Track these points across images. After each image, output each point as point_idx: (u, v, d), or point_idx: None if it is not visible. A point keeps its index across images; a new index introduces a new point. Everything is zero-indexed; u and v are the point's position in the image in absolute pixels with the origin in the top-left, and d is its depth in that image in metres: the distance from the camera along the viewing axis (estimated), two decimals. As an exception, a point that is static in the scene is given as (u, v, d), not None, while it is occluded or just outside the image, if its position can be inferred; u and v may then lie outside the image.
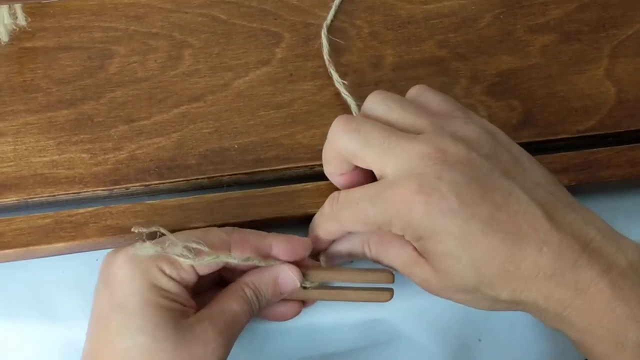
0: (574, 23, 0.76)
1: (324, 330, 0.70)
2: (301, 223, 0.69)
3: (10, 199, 0.69)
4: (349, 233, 0.66)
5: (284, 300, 0.67)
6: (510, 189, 0.60)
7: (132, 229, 0.64)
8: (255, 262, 0.65)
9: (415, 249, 0.62)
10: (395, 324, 0.70)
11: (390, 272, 0.66)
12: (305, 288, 0.66)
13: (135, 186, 0.70)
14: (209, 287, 0.67)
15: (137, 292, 0.62)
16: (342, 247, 0.67)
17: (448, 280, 0.61)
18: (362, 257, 0.66)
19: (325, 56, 0.73)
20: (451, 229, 0.58)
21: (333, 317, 0.70)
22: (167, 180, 0.70)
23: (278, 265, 0.65)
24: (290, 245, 0.66)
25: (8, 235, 0.67)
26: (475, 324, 0.72)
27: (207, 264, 0.63)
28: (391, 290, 0.66)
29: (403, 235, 0.62)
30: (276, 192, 0.69)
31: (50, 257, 0.69)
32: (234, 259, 0.64)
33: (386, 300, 0.66)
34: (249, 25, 0.75)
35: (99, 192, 0.70)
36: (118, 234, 0.67)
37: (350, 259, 0.68)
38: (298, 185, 0.69)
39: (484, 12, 0.76)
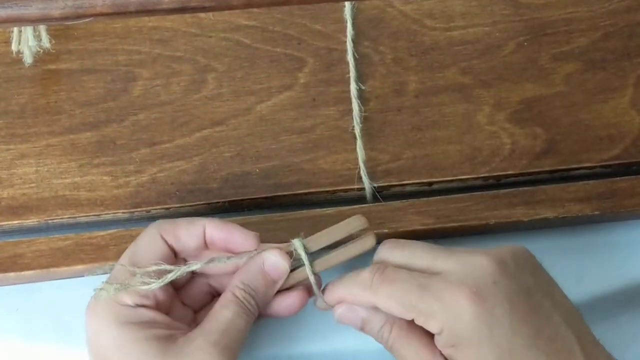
0: (599, 51, 0.76)
1: (346, 357, 0.69)
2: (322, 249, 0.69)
3: (31, 220, 0.70)
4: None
5: (284, 292, 0.65)
6: (553, 310, 0.59)
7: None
8: (224, 261, 0.63)
9: (442, 355, 0.60)
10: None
11: (361, 215, 0.64)
12: (294, 269, 0.64)
13: (156, 209, 0.70)
14: (208, 300, 0.66)
15: (110, 339, 0.60)
16: (362, 311, 0.63)
17: None
18: (374, 334, 0.63)
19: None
20: (498, 340, 0.57)
21: (355, 343, 0.69)
22: (188, 204, 0.70)
23: (259, 253, 0.63)
24: (225, 233, 0.64)
25: (28, 256, 0.68)
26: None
27: (173, 279, 0.62)
28: (372, 234, 0.64)
29: (433, 337, 0.60)
30: (297, 217, 0.69)
31: (70, 279, 0.69)
32: (197, 264, 0.62)
33: (372, 245, 0.64)
34: (273, 50, 0.75)
35: (119, 214, 0.70)
36: (138, 257, 0.67)
37: (361, 329, 0.64)
38: (319, 210, 0.69)
39: (508, 40, 0.76)
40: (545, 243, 0.72)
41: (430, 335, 0.61)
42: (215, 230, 0.63)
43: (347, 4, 0.74)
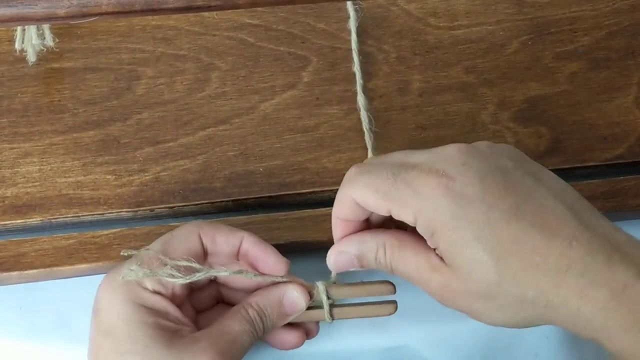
0: (603, 50, 0.76)
1: (346, 356, 0.69)
2: (325, 248, 0.69)
3: (35, 219, 0.70)
4: (363, 234, 0.62)
5: (288, 327, 0.65)
6: (537, 186, 0.57)
7: (122, 253, 0.64)
8: (250, 276, 0.63)
9: (436, 254, 0.59)
10: (418, 350, 0.70)
11: (391, 283, 0.64)
12: (309, 309, 0.65)
13: (159, 208, 0.70)
14: (211, 305, 0.66)
15: (122, 315, 0.61)
16: (352, 247, 0.62)
17: (468, 282, 0.57)
18: (372, 264, 0.62)
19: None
20: (473, 216, 0.56)
21: (356, 343, 0.69)
22: (192, 203, 0.70)
23: (283, 285, 0.64)
24: (260, 252, 0.64)
25: (31, 255, 0.68)
26: (499, 352, 0.71)
27: (198, 279, 0.62)
28: (394, 303, 0.65)
29: (424, 243, 0.59)
30: (301, 216, 0.69)
31: (73, 278, 0.69)
32: (226, 272, 0.63)
33: (390, 313, 0.65)
34: (276, 49, 0.75)
35: (123, 213, 0.70)
36: (142, 256, 0.67)
37: (359, 267, 0.63)
38: (323, 209, 0.69)
39: (512, 39, 0.76)
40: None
41: (421, 242, 0.59)
42: (252, 245, 0.64)
43: (349, 3, 0.74)
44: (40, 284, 0.70)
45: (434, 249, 0.59)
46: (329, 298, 0.65)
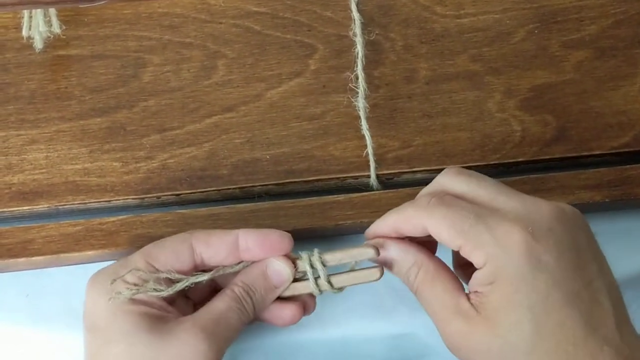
0: (609, 39, 0.76)
1: (353, 344, 0.69)
2: (332, 235, 0.69)
3: (42, 206, 0.70)
4: (407, 245, 0.62)
5: (283, 302, 0.64)
6: (598, 275, 0.58)
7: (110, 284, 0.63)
8: (227, 270, 0.63)
9: (469, 299, 0.58)
10: (426, 338, 0.70)
11: (374, 247, 0.62)
12: (297, 280, 0.64)
13: (166, 195, 0.70)
14: (209, 295, 0.66)
15: (103, 310, 0.61)
16: (393, 250, 0.62)
17: (496, 339, 0.57)
18: (400, 275, 0.62)
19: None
20: (539, 286, 0.56)
21: (362, 331, 0.69)
22: (199, 190, 0.70)
23: (266, 259, 0.63)
24: (262, 235, 0.63)
25: (38, 242, 0.68)
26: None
27: (181, 288, 0.62)
28: (380, 266, 0.63)
29: (459, 285, 0.60)
30: (307, 204, 0.69)
31: (80, 265, 0.69)
32: (204, 276, 0.63)
33: (377, 278, 0.63)
34: (283, 37, 0.75)
35: (130, 200, 0.70)
36: (148, 243, 0.67)
37: (387, 267, 0.63)
38: (329, 197, 0.69)
39: (519, 27, 0.76)
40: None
41: (455, 281, 0.60)
42: (250, 234, 0.63)
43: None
44: (47, 271, 0.70)
45: (469, 293, 0.59)
46: (313, 268, 0.63)
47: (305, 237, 0.68)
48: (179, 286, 0.62)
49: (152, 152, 0.71)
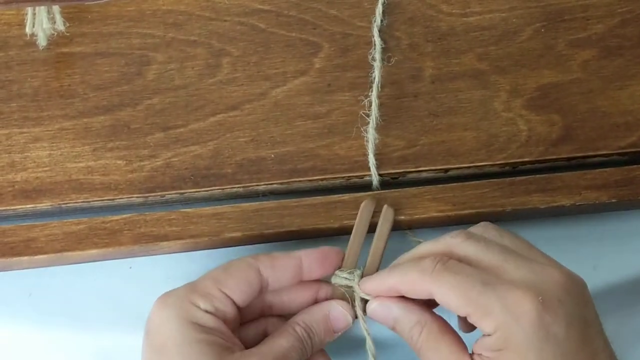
0: (616, 38, 0.75)
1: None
2: (336, 235, 0.69)
3: (45, 204, 0.69)
4: (411, 304, 0.62)
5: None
6: (602, 348, 0.58)
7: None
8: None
9: None
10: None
11: (368, 200, 0.66)
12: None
13: (170, 194, 0.70)
14: (255, 318, 0.66)
15: (174, 333, 0.61)
16: (396, 308, 0.63)
17: None
18: (404, 334, 0.62)
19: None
20: (546, 357, 0.56)
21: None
22: (203, 189, 0.70)
23: (327, 302, 0.65)
24: (322, 254, 0.65)
25: (41, 240, 0.68)
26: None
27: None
28: (386, 205, 0.67)
29: (463, 346, 0.60)
30: (312, 203, 0.69)
31: (83, 264, 0.69)
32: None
33: (393, 213, 0.67)
34: (288, 35, 0.74)
35: (133, 199, 0.70)
36: (152, 242, 0.67)
37: (390, 327, 0.64)
38: (334, 196, 0.69)
39: (525, 26, 0.75)
40: (561, 230, 0.72)
41: (460, 342, 0.60)
42: (312, 255, 0.65)
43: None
44: (50, 270, 0.69)
45: (472, 354, 0.59)
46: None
47: (310, 237, 0.69)
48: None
49: (156, 150, 0.71)
